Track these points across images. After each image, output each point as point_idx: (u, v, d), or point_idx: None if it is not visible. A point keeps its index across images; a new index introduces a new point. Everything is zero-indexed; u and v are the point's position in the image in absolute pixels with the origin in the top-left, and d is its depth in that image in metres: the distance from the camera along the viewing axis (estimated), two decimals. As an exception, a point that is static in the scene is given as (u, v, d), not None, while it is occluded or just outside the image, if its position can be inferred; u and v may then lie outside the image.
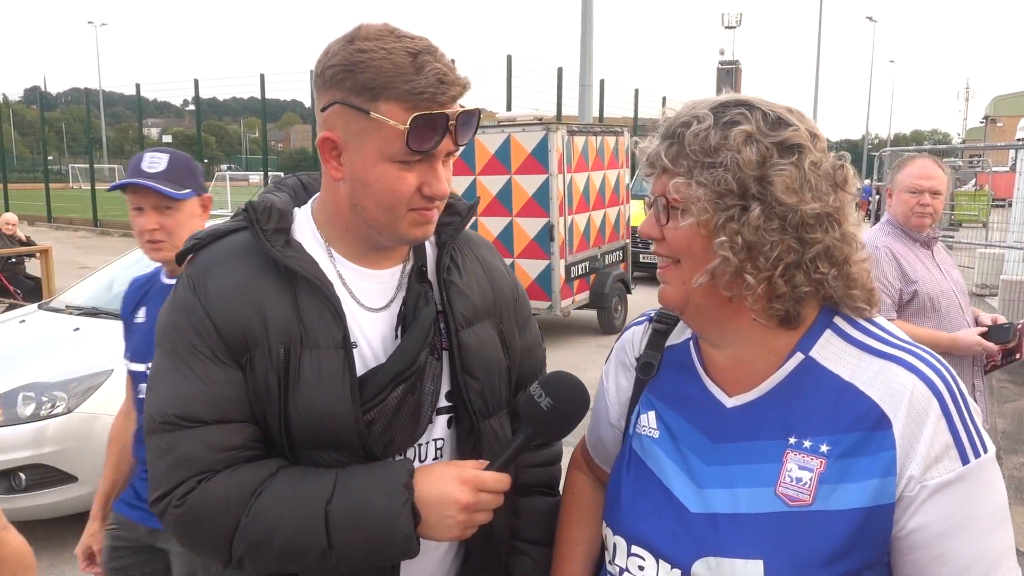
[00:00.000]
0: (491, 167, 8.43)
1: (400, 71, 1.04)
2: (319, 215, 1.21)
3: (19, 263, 9.95)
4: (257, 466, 1.09)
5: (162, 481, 1.08)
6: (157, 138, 43.62)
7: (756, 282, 0.96)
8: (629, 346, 1.25)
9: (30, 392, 3.83)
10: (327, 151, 1.12)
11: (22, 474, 3.72)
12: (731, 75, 42.41)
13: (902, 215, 2.99)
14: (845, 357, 0.99)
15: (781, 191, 0.94)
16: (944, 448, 0.92)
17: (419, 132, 1.05)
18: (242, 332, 1.10)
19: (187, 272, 1.16)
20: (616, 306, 9.32)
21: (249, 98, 20.94)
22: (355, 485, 1.07)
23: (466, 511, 1.08)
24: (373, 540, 1.06)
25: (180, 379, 1.09)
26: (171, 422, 1.07)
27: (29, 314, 5.04)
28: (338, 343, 1.12)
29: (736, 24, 48.02)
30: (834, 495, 0.94)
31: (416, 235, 1.15)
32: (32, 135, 57.45)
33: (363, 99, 1.06)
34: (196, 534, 1.08)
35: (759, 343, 1.03)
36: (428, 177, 1.10)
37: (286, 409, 1.10)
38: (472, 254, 1.33)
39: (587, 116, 13.51)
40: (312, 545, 1.05)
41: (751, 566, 0.94)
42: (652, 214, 1.04)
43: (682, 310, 1.06)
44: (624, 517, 1.09)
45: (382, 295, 1.21)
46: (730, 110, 0.99)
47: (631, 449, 1.15)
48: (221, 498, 1.05)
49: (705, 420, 1.06)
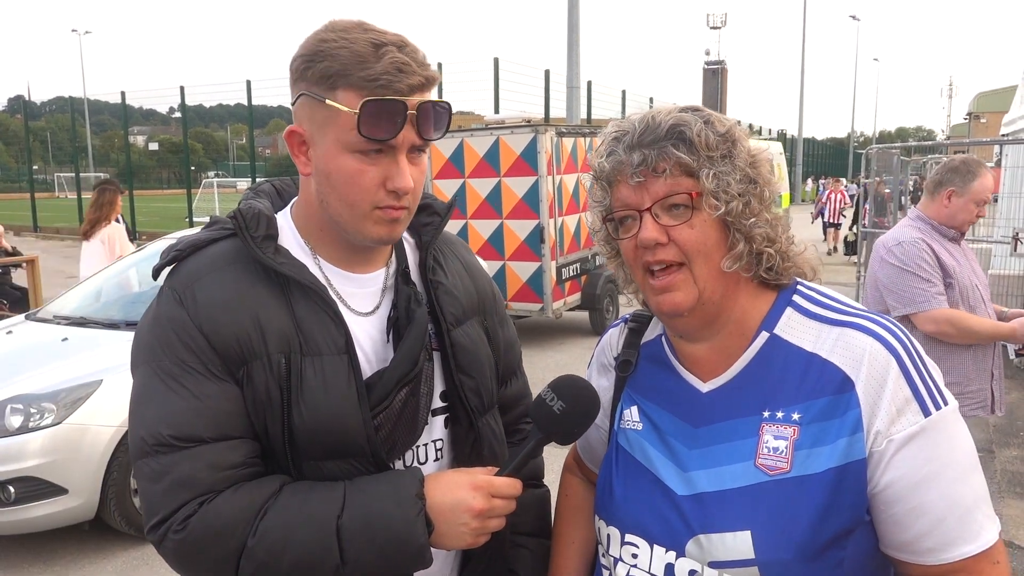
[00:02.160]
0: (480, 170, 8.43)
1: (358, 59, 1.02)
2: (299, 219, 1.19)
3: (6, 273, 9.86)
4: (260, 483, 1.05)
5: (160, 506, 1.02)
6: (143, 146, 43.39)
7: (776, 253, 1.07)
8: (608, 348, 1.29)
9: (18, 404, 3.78)
10: (295, 145, 1.11)
11: (11, 487, 3.68)
12: (717, 75, 42.64)
13: (952, 218, 3.05)
14: (806, 330, 1.06)
15: (766, 173, 1.07)
16: (905, 402, 0.97)
17: (371, 118, 1.01)
18: (238, 344, 1.06)
19: (170, 285, 1.11)
20: (608, 307, 9.32)
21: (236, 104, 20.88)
22: (366, 497, 1.05)
23: (479, 517, 1.06)
24: (388, 552, 1.03)
25: (172, 397, 1.04)
26: (166, 443, 1.02)
27: (16, 325, 4.99)
28: (341, 348, 1.09)
29: (721, 25, 48.30)
30: (810, 459, 0.98)
31: (381, 234, 1.11)
32: (17, 144, 56.99)
33: (322, 88, 1.04)
34: (199, 559, 1.03)
35: (737, 326, 1.08)
36: (391, 171, 1.06)
37: (289, 419, 1.06)
38: (452, 253, 1.32)
39: (575, 118, 13.54)
40: (325, 562, 1.02)
41: (740, 538, 0.99)
42: (651, 220, 1.03)
43: (691, 312, 1.06)
44: (617, 508, 1.13)
45: (369, 299, 1.19)
46: (699, 112, 1.06)
47: (618, 444, 1.19)
48: (225, 519, 1.01)
49: (683, 408, 1.11)
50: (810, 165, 46.80)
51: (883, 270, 3.06)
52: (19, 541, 4.15)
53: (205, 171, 47.96)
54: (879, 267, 3.09)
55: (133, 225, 21.68)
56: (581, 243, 9.10)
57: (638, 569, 1.08)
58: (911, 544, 0.98)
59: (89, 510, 3.88)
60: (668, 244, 1.04)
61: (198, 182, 31.72)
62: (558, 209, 8.44)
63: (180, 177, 33.37)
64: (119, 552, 4.04)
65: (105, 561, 3.96)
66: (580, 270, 9.04)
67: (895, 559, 1.01)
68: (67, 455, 3.77)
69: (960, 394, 3.00)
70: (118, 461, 3.89)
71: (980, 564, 0.97)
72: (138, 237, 21.09)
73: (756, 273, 1.07)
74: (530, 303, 8.50)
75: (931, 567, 0.98)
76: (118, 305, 5.05)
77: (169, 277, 1.14)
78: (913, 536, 0.97)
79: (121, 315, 4.81)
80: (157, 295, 1.14)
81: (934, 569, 0.98)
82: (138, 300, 5.04)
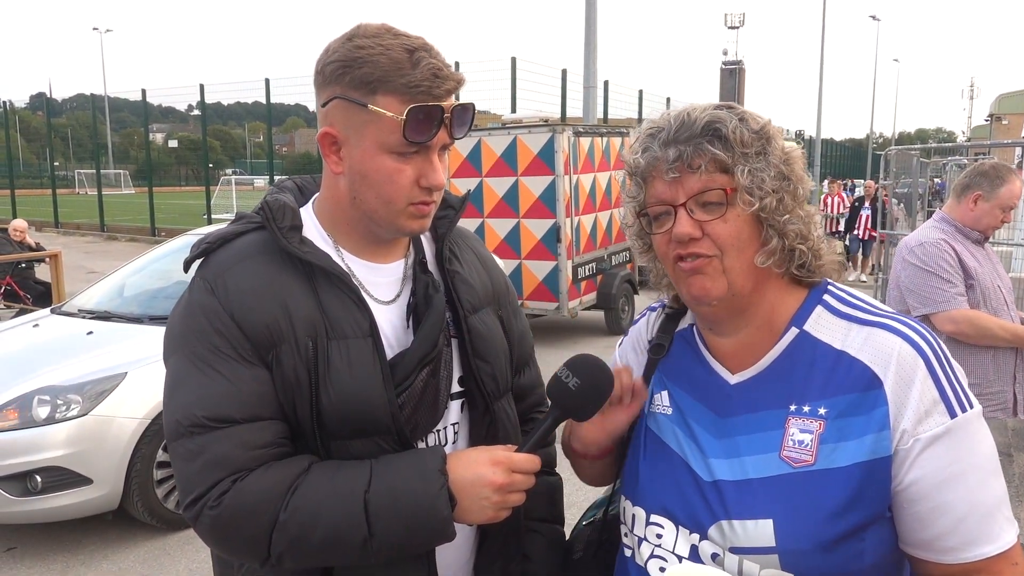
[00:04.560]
0: (497, 169, 8.45)
1: (397, 66, 1.08)
2: (321, 214, 1.24)
3: (29, 268, 10.02)
4: (290, 462, 1.10)
5: (195, 484, 1.07)
6: (162, 143, 43.78)
7: (808, 250, 1.08)
8: (644, 329, 1.33)
9: (45, 395, 3.85)
10: (327, 146, 1.16)
11: (38, 476, 3.75)
12: (734, 75, 42.32)
13: (977, 222, 3.05)
14: (835, 329, 1.07)
15: (800, 171, 1.09)
16: (932, 403, 0.99)
17: (415, 123, 1.08)
18: (268, 329, 1.11)
19: (201, 276, 1.17)
20: (623, 307, 9.32)
21: (253, 103, 21.09)
22: (391, 473, 1.09)
23: (500, 492, 1.10)
24: (413, 526, 1.07)
25: (206, 381, 1.09)
26: (200, 424, 1.07)
27: (42, 318, 5.07)
28: (366, 332, 1.15)
29: (739, 24, 47.99)
30: (835, 453, 1.00)
31: (414, 228, 1.18)
32: (38, 141, 57.61)
33: (361, 93, 1.09)
34: (233, 534, 1.07)
35: (766, 322, 1.10)
36: (425, 169, 1.13)
37: (318, 400, 1.11)
38: (467, 246, 1.39)
39: (591, 117, 13.51)
40: (353, 535, 1.06)
41: (761, 526, 1.01)
42: (685, 215, 1.06)
43: (720, 301, 1.08)
44: (643, 489, 1.16)
45: (389, 288, 1.24)
46: (734, 110, 1.08)
47: (646, 427, 1.21)
48: (258, 496, 1.06)
49: (711, 397, 1.13)
50: (828, 166, 46.44)
51: (905, 270, 3.06)
52: (44, 530, 4.23)
53: (223, 168, 48.28)
54: (901, 267, 3.09)
55: (152, 222, 21.92)
56: (597, 243, 9.10)
57: (662, 549, 1.10)
58: (932, 542, 0.99)
59: (112, 500, 3.95)
60: (702, 238, 1.06)
61: (216, 179, 31.95)
62: (574, 209, 8.45)
63: (198, 174, 33.64)
64: (141, 542, 4.10)
65: (127, 551, 4.02)
66: (596, 270, 9.05)
67: (914, 557, 1.03)
68: (92, 446, 3.84)
69: (979, 395, 2.99)
70: (141, 453, 3.96)
71: (999, 565, 0.98)
72: (157, 234, 21.29)
73: (788, 270, 1.09)
74: (546, 302, 8.52)
75: (950, 566, 0.99)
76: (142, 300, 5.12)
77: (200, 269, 1.19)
78: (934, 535, 0.99)
79: (144, 310, 4.88)
80: (188, 286, 1.19)
81: (953, 568, 0.99)
82: (160, 295, 5.10)
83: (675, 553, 1.09)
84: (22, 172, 49.23)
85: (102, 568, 3.86)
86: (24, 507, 3.76)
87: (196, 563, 3.87)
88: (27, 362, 4.22)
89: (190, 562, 3.88)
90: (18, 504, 3.75)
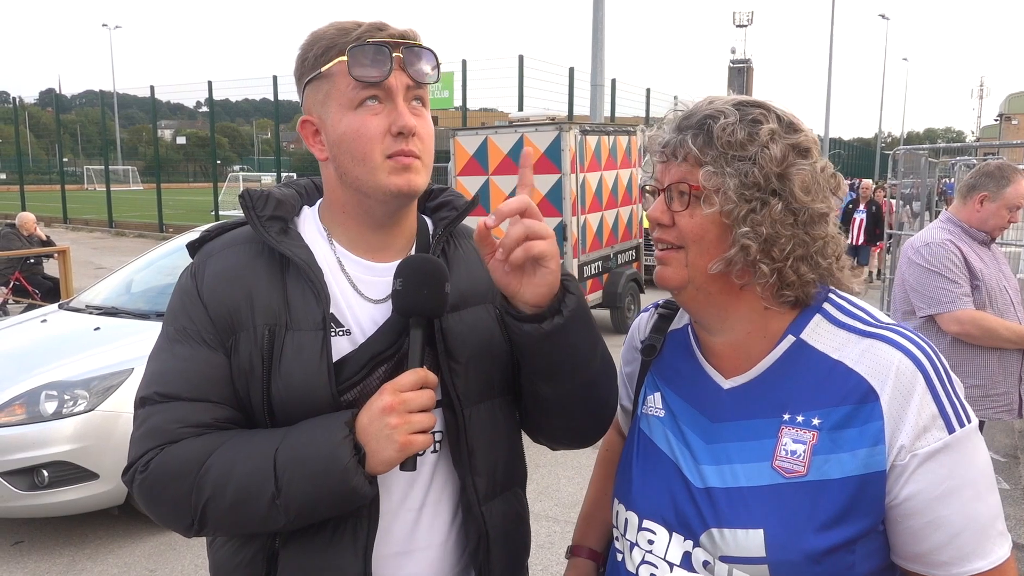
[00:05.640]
0: (504, 167, 8.44)
1: (343, 31, 1.12)
2: (322, 209, 1.26)
3: (37, 264, 10.06)
4: (218, 434, 1.12)
5: (132, 452, 1.13)
6: (171, 140, 43.94)
7: (769, 271, 1.03)
8: (637, 331, 1.33)
9: (52, 390, 3.88)
10: (309, 135, 1.19)
11: (45, 471, 3.77)
12: (742, 74, 42.28)
13: (983, 223, 3.04)
14: (833, 338, 1.05)
15: (799, 189, 1.02)
16: (931, 418, 0.97)
17: (360, 62, 1.10)
18: (229, 314, 1.14)
19: (194, 260, 1.23)
20: (629, 305, 9.32)
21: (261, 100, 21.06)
22: (302, 430, 1.09)
23: (395, 413, 1.05)
24: (317, 478, 1.05)
25: (168, 358, 1.15)
26: (150, 398, 1.13)
27: (50, 314, 5.11)
28: (317, 324, 1.13)
29: (747, 22, 47.88)
30: (827, 465, 0.99)
31: (399, 184, 1.14)
32: (47, 137, 58.01)
33: (318, 66, 1.14)
34: (160, 498, 1.10)
35: (755, 328, 1.08)
36: (392, 116, 1.12)
37: (269, 389, 1.12)
38: (469, 244, 1.33)
39: (598, 116, 13.51)
40: (262, 491, 1.05)
41: (752, 535, 1.00)
42: (662, 200, 1.08)
43: (680, 292, 1.10)
44: (636, 493, 1.15)
45: (383, 288, 1.21)
46: (751, 109, 1.05)
47: (639, 429, 1.21)
48: (181, 460, 1.08)
49: (704, 401, 1.12)
50: (836, 166, 46.25)
51: (910, 271, 3.05)
52: (51, 524, 4.26)
53: (231, 165, 48.46)
54: (907, 268, 3.08)
55: (160, 218, 22.00)
56: (603, 241, 9.09)
57: (653, 555, 1.10)
58: (925, 556, 0.99)
59: (119, 495, 3.97)
60: (671, 227, 1.07)
61: (224, 176, 32.06)
62: (581, 207, 8.44)
63: (206, 171, 33.75)
64: (147, 537, 4.13)
65: (133, 545, 4.05)
66: (602, 268, 9.04)
67: (906, 570, 1.02)
68: (98, 441, 3.86)
69: (984, 396, 2.98)
70: (147, 448, 3.97)
71: None
72: (165, 230, 21.38)
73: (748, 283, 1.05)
74: (551, 300, 8.49)
75: None
76: (149, 296, 5.14)
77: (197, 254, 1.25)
78: (928, 549, 0.98)
79: (151, 306, 4.90)
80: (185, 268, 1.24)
81: None
82: (167, 291, 5.08)
83: (666, 560, 1.08)
84: (31, 168, 49.48)
85: (108, 562, 3.89)
86: (31, 501, 3.79)
87: (201, 558, 3.89)
88: (35, 357, 4.25)
89: (195, 557, 3.90)
90: (25, 498, 3.78)
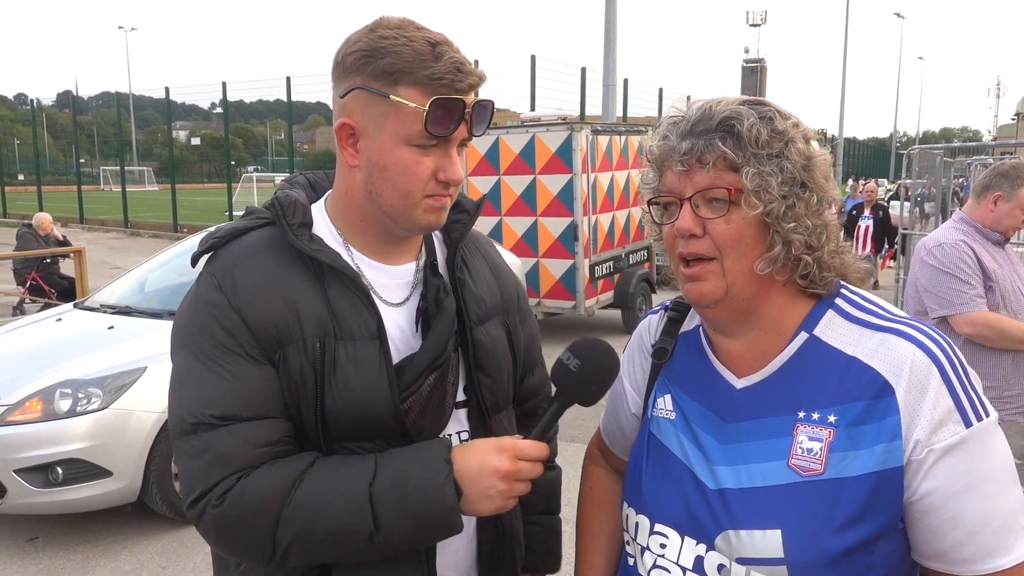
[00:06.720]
0: (515, 167, 8.45)
1: (420, 57, 1.07)
2: (333, 210, 1.22)
3: (54, 263, 10.18)
4: (294, 459, 1.08)
5: (199, 482, 1.05)
6: (185, 141, 44.28)
7: (813, 261, 1.04)
8: (646, 334, 1.30)
9: (67, 388, 3.91)
10: (344, 137, 1.14)
11: (59, 468, 3.81)
12: (756, 73, 42.05)
13: (997, 223, 3.01)
14: (847, 334, 1.04)
15: (821, 178, 1.04)
16: (947, 412, 0.96)
17: (437, 116, 1.07)
18: (275, 327, 1.10)
19: (209, 271, 1.15)
20: (640, 306, 9.29)
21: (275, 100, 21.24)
22: (396, 464, 1.08)
23: (506, 480, 1.07)
24: (419, 517, 1.05)
25: (211, 378, 1.08)
26: (206, 422, 1.06)
27: (65, 313, 5.15)
28: (373, 333, 1.13)
29: (761, 22, 47.64)
30: (845, 462, 0.97)
31: (430, 221, 1.16)
32: (64, 138, 58.53)
33: (383, 83, 1.08)
34: (237, 532, 1.05)
35: (773, 327, 1.07)
36: (443, 163, 1.12)
37: (323, 401, 1.10)
38: (479, 253, 1.36)
39: (610, 116, 13.48)
40: (359, 528, 1.04)
41: (770, 536, 0.98)
42: (689, 210, 1.03)
43: (717, 304, 1.06)
44: (647, 496, 1.13)
45: (399, 290, 1.22)
46: (760, 107, 1.04)
47: (650, 432, 1.18)
48: (261, 492, 1.04)
49: (716, 402, 1.11)
50: (851, 165, 45.91)
51: (923, 271, 3.02)
52: (64, 521, 4.30)
53: (245, 166, 48.74)
54: (919, 269, 3.05)
55: (175, 219, 22.16)
56: (615, 241, 9.08)
57: (666, 559, 1.08)
58: (946, 554, 0.97)
59: (132, 493, 4.00)
60: (703, 237, 1.03)
61: (238, 176, 32.24)
62: (592, 207, 8.44)
63: (220, 171, 33.98)
64: (160, 535, 4.16)
65: (146, 543, 4.08)
66: (613, 268, 9.03)
67: (927, 568, 1.00)
68: (112, 439, 3.89)
69: (998, 398, 2.95)
70: (160, 446, 4.01)
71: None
72: (179, 230, 21.53)
73: (791, 278, 1.05)
74: (563, 300, 8.51)
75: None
76: (162, 295, 5.18)
77: (208, 263, 1.18)
78: (949, 546, 0.96)
79: (165, 305, 4.94)
80: (196, 281, 1.18)
81: None
82: (181, 291, 5.15)
83: (679, 564, 1.06)
84: (49, 169, 49.96)
85: (121, 559, 3.92)
86: (46, 498, 3.83)
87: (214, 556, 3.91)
88: (50, 356, 4.29)
89: (207, 555, 3.93)
90: (40, 495, 3.81)
